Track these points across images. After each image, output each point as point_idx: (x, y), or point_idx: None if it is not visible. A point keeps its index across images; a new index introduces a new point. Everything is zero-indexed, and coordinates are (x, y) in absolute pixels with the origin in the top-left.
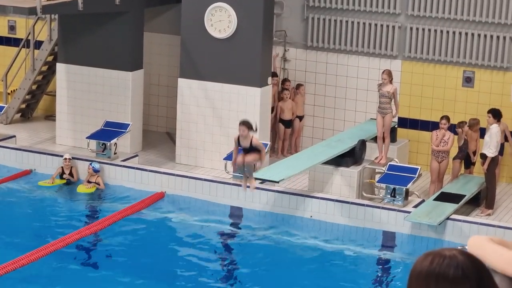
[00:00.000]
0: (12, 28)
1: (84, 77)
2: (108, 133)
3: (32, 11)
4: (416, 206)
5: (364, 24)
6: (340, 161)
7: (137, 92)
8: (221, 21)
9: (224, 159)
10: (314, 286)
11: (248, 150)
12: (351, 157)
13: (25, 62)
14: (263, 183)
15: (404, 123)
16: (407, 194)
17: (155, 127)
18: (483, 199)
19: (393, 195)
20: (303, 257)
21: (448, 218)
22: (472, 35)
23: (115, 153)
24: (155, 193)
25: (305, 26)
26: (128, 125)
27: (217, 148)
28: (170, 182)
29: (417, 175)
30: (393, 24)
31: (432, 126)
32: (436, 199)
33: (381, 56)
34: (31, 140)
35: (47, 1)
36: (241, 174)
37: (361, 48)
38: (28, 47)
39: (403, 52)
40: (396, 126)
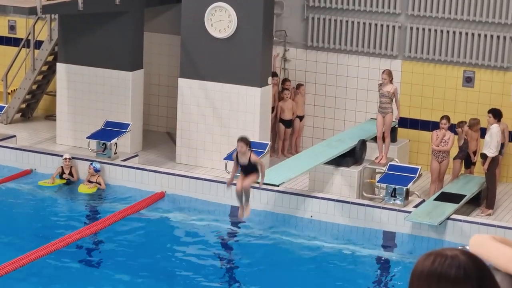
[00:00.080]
0: (12, 28)
1: (84, 77)
2: (109, 133)
3: (32, 11)
4: (416, 206)
5: (364, 24)
6: (341, 161)
7: (138, 92)
8: (221, 21)
9: (224, 159)
10: (314, 286)
11: (246, 168)
12: (352, 157)
13: (25, 62)
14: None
15: (405, 123)
16: (408, 194)
17: (156, 127)
18: (484, 199)
19: (393, 195)
20: (303, 257)
21: (448, 218)
22: (473, 35)
23: (115, 153)
24: (156, 193)
25: (305, 26)
26: (129, 125)
27: (218, 148)
28: (171, 182)
29: (417, 175)
30: (393, 24)
31: (432, 126)
32: (437, 199)
33: (381, 56)
34: (31, 140)
35: (47, 1)
36: (238, 202)
37: (361, 48)
38: (28, 47)
39: (403, 52)
40: (397, 126)
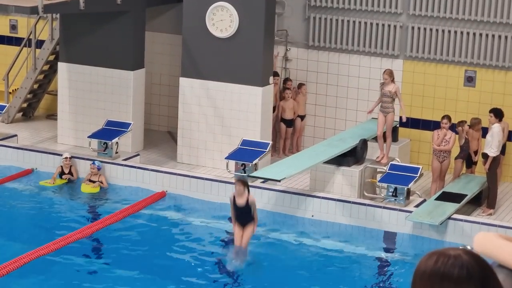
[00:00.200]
0: (14, 27)
1: (85, 76)
2: (110, 132)
3: (33, 10)
4: (417, 206)
5: (366, 23)
6: (342, 160)
7: (139, 91)
8: (222, 20)
9: (225, 158)
10: (314, 286)
11: (243, 211)
12: (353, 156)
13: (26, 61)
14: (264, 182)
15: (406, 122)
16: (409, 193)
17: (157, 126)
18: (485, 198)
19: (394, 194)
20: (304, 256)
21: (449, 218)
22: (474, 34)
23: (116, 152)
24: (156, 192)
25: (306, 26)
26: (130, 124)
27: (219, 147)
28: (172, 181)
29: (418, 175)
30: (395, 24)
31: (433, 126)
32: (438, 198)
33: (382, 55)
34: (32, 139)
35: (49, 0)
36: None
37: (362, 48)
38: (30, 46)
39: (404, 51)
40: (398, 125)
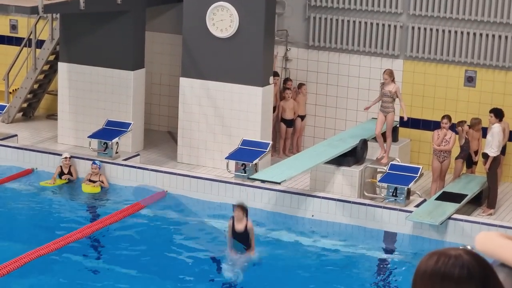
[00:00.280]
0: (14, 27)
1: (85, 76)
2: (110, 132)
3: (34, 10)
4: (417, 206)
5: (366, 23)
6: (342, 160)
7: (139, 91)
8: (222, 20)
9: (226, 158)
10: (315, 286)
11: (241, 237)
12: (353, 156)
13: (26, 61)
14: (264, 182)
15: (406, 122)
16: (409, 193)
17: (157, 126)
18: (485, 198)
19: (394, 194)
20: (304, 256)
21: (449, 218)
22: (474, 34)
23: (116, 152)
24: (157, 192)
25: (306, 26)
26: (130, 124)
27: (219, 147)
28: (172, 181)
29: (418, 175)
30: (395, 24)
31: (433, 126)
32: (438, 198)
33: (382, 55)
34: (32, 139)
35: (49, 0)
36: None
37: (362, 48)
38: (30, 46)
39: (404, 51)
40: (398, 125)
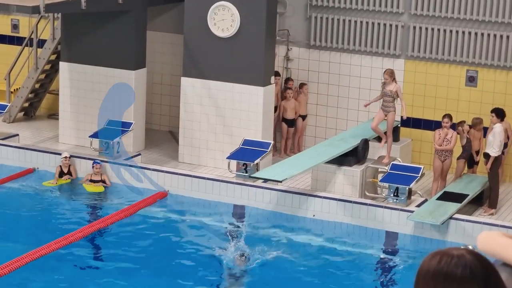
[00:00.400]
0: (15, 26)
1: (87, 76)
2: (111, 131)
3: (35, 10)
4: (419, 206)
5: (367, 23)
6: (343, 160)
7: (140, 90)
8: (224, 20)
9: (227, 158)
10: (316, 285)
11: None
12: (354, 156)
13: (28, 61)
14: (266, 182)
15: (407, 122)
16: (410, 193)
17: (158, 126)
18: (486, 198)
19: (396, 194)
20: (305, 256)
21: (451, 218)
22: (476, 34)
23: (117, 152)
24: (158, 192)
25: (308, 25)
26: (131, 123)
27: (220, 147)
28: (173, 181)
29: (420, 175)
30: (396, 23)
31: (435, 125)
32: (439, 198)
33: (384, 55)
34: (34, 139)
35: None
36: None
37: (364, 47)
38: (31, 45)
39: (406, 51)
40: (399, 125)
